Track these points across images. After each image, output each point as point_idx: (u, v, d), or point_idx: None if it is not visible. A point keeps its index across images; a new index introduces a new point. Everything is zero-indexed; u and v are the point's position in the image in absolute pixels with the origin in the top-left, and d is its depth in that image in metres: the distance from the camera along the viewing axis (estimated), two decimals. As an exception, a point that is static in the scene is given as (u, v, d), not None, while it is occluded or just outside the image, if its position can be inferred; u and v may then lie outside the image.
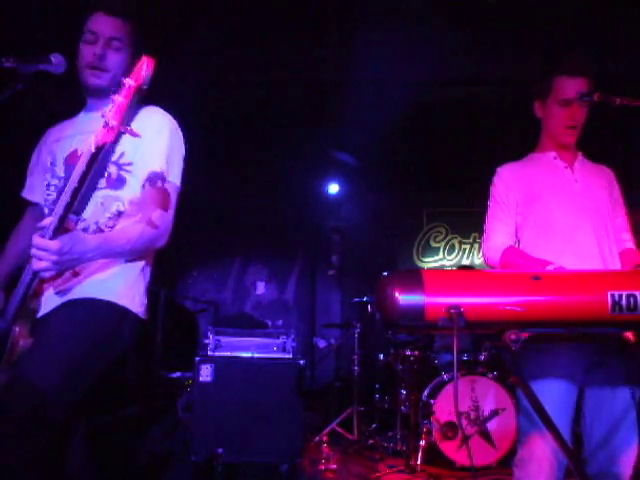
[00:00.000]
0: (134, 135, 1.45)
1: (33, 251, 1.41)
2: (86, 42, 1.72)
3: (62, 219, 1.42)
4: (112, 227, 1.64)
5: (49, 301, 1.60)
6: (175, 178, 1.72)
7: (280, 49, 4.17)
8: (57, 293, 1.60)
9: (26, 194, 1.93)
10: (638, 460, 1.78)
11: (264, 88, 4.52)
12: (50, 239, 1.40)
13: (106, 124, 1.40)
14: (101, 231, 1.63)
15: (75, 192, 1.41)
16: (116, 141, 1.44)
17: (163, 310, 3.82)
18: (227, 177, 5.96)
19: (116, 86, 1.61)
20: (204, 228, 6.74)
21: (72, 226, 1.50)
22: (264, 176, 5.94)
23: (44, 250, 1.39)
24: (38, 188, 1.85)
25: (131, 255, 1.65)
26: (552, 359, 1.81)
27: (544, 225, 1.95)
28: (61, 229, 1.42)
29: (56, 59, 1.63)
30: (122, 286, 1.64)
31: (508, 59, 4.08)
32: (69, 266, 1.50)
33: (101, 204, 1.64)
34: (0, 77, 1.55)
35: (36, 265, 1.42)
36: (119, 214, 1.65)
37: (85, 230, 1.61)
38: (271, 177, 5.94)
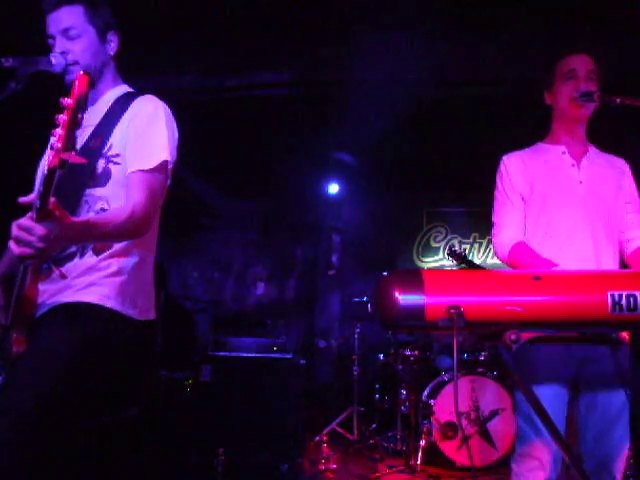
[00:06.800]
0: (77, 162, 1.36)
1: (15, 232, 1.32)
2: (50, 47, 1.68)
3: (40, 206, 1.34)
4: None
5: (41, 306, 1.57)
6: (168, 161, 1.66)
7: (280, 48, 4.17)
8: (46, 297, 1.57)
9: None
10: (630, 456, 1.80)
11: (264, 88, 4.51)
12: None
13: (51, 146, 1.31)
14: None
15: (40, 205, 1.33)
16: (62, 166, 1.33)
17: (163, 310, 3.83)
18: (227, 177, 5.96)
19: (94, 72, 1.66)
20: (204, 228, 6.75)
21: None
22: (264, 176, 5.94)
23: (28, 231, 1.31)
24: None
25: (115, 241, 1.60)
26: (542, 361, 1.81)
27: (543, 230, 1.95)
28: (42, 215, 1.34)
29: (56, 59, 1.62)
30: (110, 289, 1.59)
31: (508, 59, 4.08)
32: (52, 252, 1.43)
33: (85, 202, 1.62)
34: (0, 77, 1.55)
35: (18, 250, 1.32)
36: (103, 212, 1.62)
37: None
38: (271, 177, 5.94)
